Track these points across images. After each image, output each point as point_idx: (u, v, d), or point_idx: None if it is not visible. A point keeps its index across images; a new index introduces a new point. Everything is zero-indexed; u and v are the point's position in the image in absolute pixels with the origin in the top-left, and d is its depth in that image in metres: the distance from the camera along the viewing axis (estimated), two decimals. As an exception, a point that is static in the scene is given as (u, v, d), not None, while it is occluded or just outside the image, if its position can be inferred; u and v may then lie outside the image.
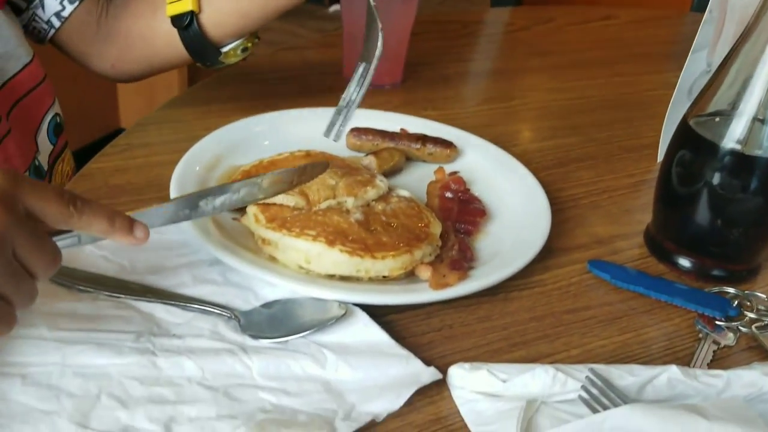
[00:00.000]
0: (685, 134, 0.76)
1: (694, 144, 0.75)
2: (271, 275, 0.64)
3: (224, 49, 0.89)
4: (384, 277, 0.67)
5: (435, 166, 0.90)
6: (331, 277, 0.66)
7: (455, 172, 0.89)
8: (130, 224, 0.54)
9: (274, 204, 0.70)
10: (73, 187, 0.82)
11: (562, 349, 0.66)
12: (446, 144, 0.91)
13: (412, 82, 1.19)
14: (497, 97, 1.20)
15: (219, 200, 0.60)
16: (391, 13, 1.09)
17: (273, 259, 0.68)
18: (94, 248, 0.70)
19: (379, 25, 0.71)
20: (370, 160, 0.86)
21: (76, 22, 0.92)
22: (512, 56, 1.40)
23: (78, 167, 0.95)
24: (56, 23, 0.91)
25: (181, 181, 0.77)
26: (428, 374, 0.59)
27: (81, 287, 0.65)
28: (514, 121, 1.11)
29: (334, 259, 0.65)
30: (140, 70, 0.97)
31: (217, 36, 0.87)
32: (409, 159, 0.92)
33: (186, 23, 0.83)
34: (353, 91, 0.75)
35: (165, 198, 0.77)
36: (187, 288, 0.66)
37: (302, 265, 0.66)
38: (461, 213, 0.80)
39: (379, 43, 0.71)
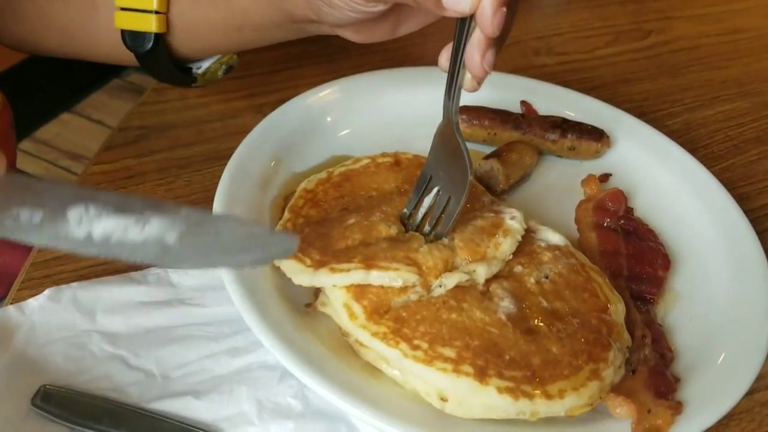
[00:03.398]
0: None
1: None
2: (382, 417, 0.41)
3: (200, 69, 0.59)
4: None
5: (572, 162, 0.64)
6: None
7: (607, 176, 0.63)
8: None
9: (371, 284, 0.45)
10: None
11: None
12: (595, 134, 0.64)
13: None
14: (627, 30, 0.89)
15: None
16: None
17: (375, 370, 0.44)
18: (108, 346, 0.46)
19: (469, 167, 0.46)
20: (493, 168, 0.59)
21: None
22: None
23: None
24: None
25: (230, 198, 0.52)
26: None
27: (88, 430, 0.42)
28: (659, 72, 0.82)
29: (487, 402, 0.41)
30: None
31: (187, 54, 0.57)
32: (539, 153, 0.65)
33: (147, 47, 0.53)
34: None
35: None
36: (252, 427, 0.43)
37: (430, 402, 0.42)
38: (634, 261, 0.54)
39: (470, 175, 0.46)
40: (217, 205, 0.52)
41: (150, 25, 0.52)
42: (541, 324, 0.45)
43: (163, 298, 0.49)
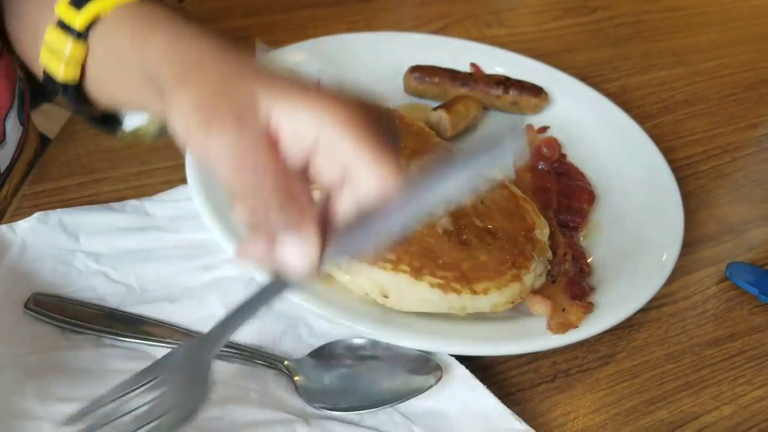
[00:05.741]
0: None
1: None
2: (335, 313, 0.47)
3: (128, 126, 0.50)
4: (480, 307, 0.50)
5: (515, 117, 0.71)
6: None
7: (545, 128, 0.70)
8: None
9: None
10: (43, 170, 0.62)
11: (711, 406, 0.51)
12: (534, 90, 0.71)
13: (468, -16, 0.96)
14: (575, 7, 0.96)
15: None
16: None
17: (329, 277, 0.51)
18: (91, 263, 0.52)
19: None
20: (441, 117, 0.66)
21: None
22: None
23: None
24: None
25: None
26: (556, 466, 0.44)
27: (76, 328, 0.48)
28: (601, 44, 0.89)
29: (421, 296, 0.48)
30: None
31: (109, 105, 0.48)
32: (484, 108, 0.72)
33: (60, 90, 0.45)
34: None
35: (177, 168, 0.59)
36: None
37: (375, 298, 0.49)
38: (563, 197, 0.61)
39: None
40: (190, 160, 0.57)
41: (58, 69, 0.44)
42: (473, 238, 0.52)
43: (140, 225, 0.55)
